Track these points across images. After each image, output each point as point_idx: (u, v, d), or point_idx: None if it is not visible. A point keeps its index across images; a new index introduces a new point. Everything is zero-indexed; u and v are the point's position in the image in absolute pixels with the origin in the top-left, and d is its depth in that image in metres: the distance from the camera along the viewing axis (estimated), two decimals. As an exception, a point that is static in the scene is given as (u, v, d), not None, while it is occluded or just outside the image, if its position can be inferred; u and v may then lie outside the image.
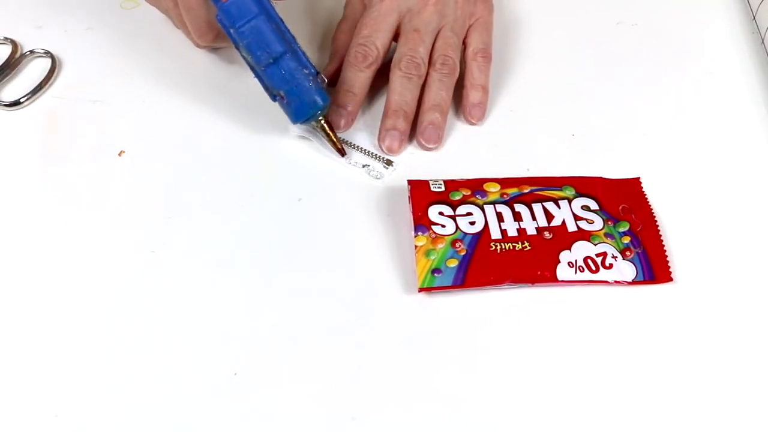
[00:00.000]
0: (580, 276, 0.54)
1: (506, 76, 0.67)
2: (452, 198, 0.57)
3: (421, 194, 0.58)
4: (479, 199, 0.57)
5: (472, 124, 0.64)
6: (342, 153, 0.61)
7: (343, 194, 0.60)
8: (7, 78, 0.66)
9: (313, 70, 0.59)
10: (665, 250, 0.56)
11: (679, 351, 0.52)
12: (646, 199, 0.59)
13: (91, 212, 0.59)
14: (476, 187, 0.58)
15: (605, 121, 0.64)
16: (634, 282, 0.55)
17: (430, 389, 0.51)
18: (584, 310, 0.54)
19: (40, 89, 0.65)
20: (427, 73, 0.63)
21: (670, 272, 0.55)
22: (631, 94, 0.66)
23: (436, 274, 0.54)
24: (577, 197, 0.58)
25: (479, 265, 0.55)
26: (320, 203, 0.59)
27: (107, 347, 0.53)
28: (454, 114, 0.65)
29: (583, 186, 0.59)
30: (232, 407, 0.51)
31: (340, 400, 0.51)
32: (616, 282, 0.55)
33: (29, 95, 0.64)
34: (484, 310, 0.54)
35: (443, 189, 0.58)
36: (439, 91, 0.63)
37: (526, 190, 0.58)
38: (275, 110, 0.62)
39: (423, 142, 0.62)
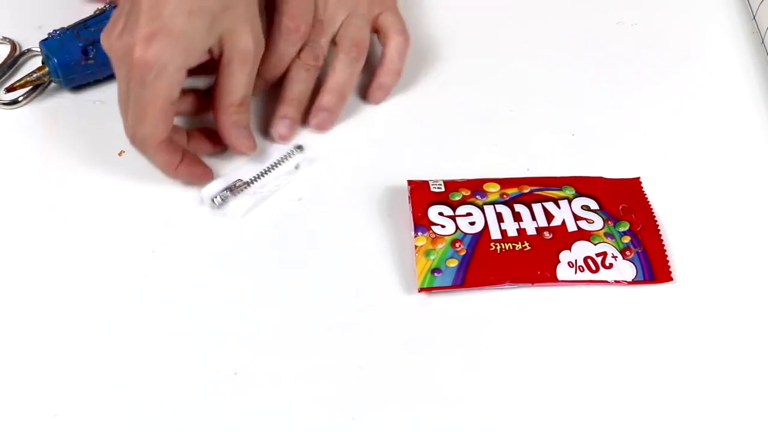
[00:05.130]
0: (580, 276, 0.54)
1: (506, 76, 0.67)
2: (452, 198, 0.57)
3: (420, 195, 0.58)
4: (479, 200, 0.57)
5: (369, 103, 0.64)
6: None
7: (343, 194, 0.60)
8: (5, 77, 0.66)
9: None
10: (665, 250, 0.56)
11: (679, 351, 0.52)
12: (646, 198, 0.59)
13: (91, 212, 0.59)
14: (476, 187, 0.58)
15: (605, 121, 0.64)
16: (634, 282, 0.55)
17: (430, 389, 0.51)
18: (584, 310, 0.54)
19: (38, 87, 0.65)
20: (334, 57, 0.63)
21: (670, 272, 0.55)
22: (631, 94, 0.66)
23: (436, 274, 0.54)
24: (577, 197, 0.58)
25: (479, 265, 0.54)
26: (320, 203, 0.59)
27: (107, 347, 0.53)
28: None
29: (583, 186, 0.59)
30: (232, 407, 0.51)
31: (340, 400, 0.51)
32: (616, 282, 0.55)
33: (27, 94, 0.64)
34: (484, 311, 0.54)
35: (443, 189, 0.58)
36: (342, 73, 0.62)
37: (525, 191, 0.58)
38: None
39: (314, 126, 0.63)
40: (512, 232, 0.56)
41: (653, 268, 0.55)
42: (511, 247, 0.55)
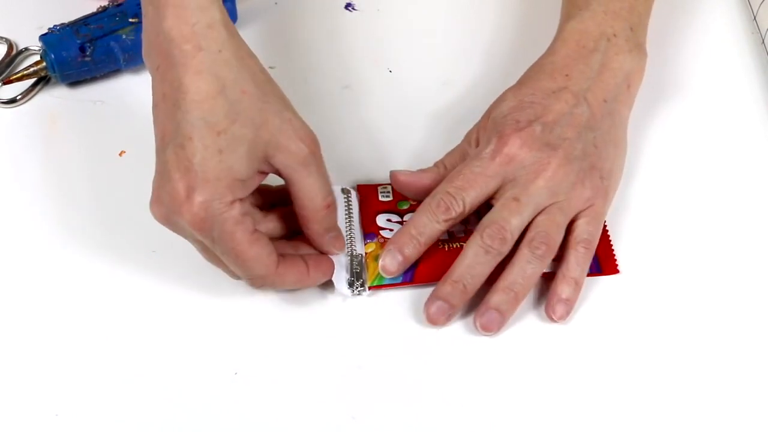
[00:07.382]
0: None
1: (503, 77, 0.67)
2: (400, 207, 0.58)
3: (369, 203, 0.58)
4: None
5: (552, 320, 0.54)
6: None
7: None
8: (2, 76, 0.65)
9: None
10: (611, 244, 0.57)
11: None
12: None
13: (92, 212, 0.59)
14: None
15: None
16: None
17: (430, 389, 0.52)
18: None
19: (36, 86, 0.65)
20: (518, 249, 0.54)
21: (617, 264, 0.56)
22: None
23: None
24: None
25: (427, 262, 0.55)
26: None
27: (107, 346, 0.53)
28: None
29: None
30: (232, 407, 0.51)
31: (340, 400, 0.51)
32: None
33: (26, 93, 0.64)
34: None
35: (391, 198, 0.58)
36: (524, 271, 0.53)
37: None
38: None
39: (479, 327, 0.53)
40: (460, 233, 0.56)
41: (600, 261, 0.56)
42: (458, 246, 0.55)
